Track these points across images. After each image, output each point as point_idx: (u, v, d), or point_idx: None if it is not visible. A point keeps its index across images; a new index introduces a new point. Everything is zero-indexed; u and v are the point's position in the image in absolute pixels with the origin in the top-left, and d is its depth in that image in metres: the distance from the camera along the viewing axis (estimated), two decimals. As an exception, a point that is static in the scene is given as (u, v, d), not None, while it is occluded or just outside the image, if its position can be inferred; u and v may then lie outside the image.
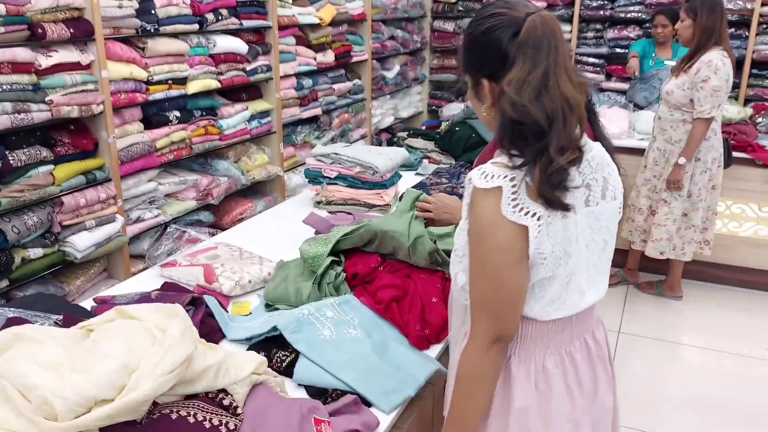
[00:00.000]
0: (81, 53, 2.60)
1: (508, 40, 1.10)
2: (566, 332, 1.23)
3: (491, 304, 1.13)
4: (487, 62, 1.14)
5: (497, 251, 1.09)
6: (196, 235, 2.24)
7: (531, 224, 1.07)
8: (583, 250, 1.17)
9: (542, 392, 1.20)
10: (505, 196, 1.07)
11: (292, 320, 1.59)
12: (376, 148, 2.84)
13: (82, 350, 1.15)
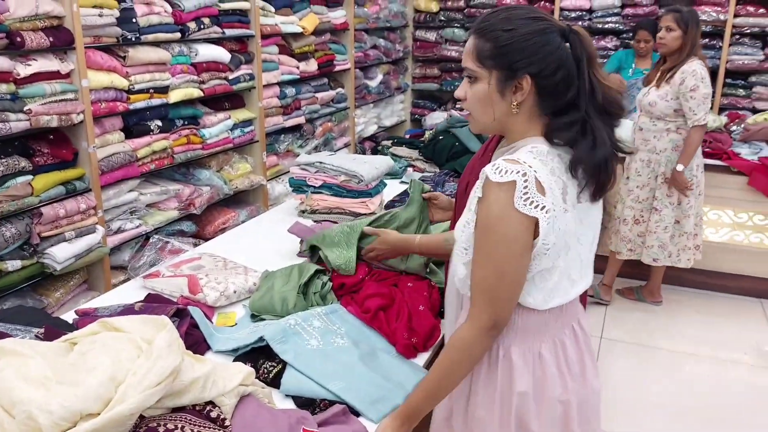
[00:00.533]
0: (61, 62, 2.57)
1: (560, 44, 1.19)
2: (559, 321, 1.32)
3: (493, 292, 1.20)
4: (538, 61, 1.19)
5: (506, 242, 1.16)
6: (179, 246, 2.21)
7: (541, 216, 1.15)
8: (576, 243, 1.26)
9: (537, 378, 1.29)
10: (519, 190, 1.14)
11: (278, 330, 1.58)
12: (361, 157, 2.84)
13: (68, 363, 1.13)
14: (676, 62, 3.30)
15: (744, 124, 4.00)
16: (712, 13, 4.84)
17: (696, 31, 3.28)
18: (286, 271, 1.91)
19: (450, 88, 5.88)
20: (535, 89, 1.21)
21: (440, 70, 5.93)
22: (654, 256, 3.56)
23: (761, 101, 4.81)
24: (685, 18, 3.26)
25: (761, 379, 3.14)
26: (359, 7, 4.89)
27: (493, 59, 1.21)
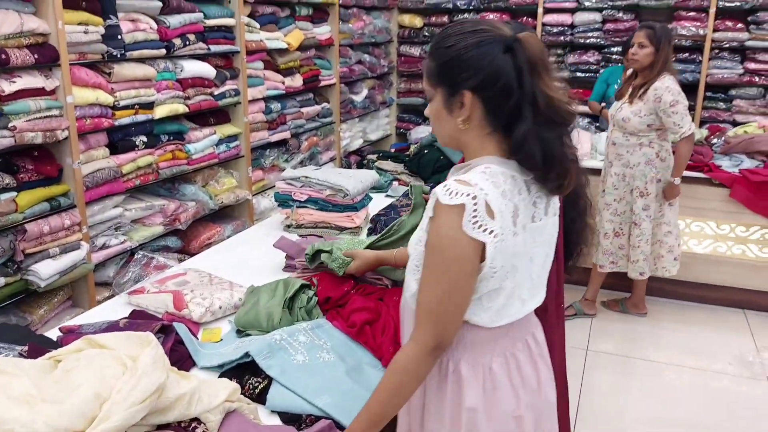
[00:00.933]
0: (46, 79, 2.57)
1: (499, 55, 1.15)
2: (509, 336, 1.31)
3: (438, 313, 1.19)
4: (475, 74, 1.16)
5: (454, 263, 1.16)
6: (164, 262, 2.21)
7: (489, 241, 1.14)
8: (527, 263, 1.26)
9: (488, 392, 1.28)
10: (468, 214, 1.13)
11: (264, 346, 1.58)
12: (346, 171, 2.86)
13: (52, 381, 1.13)
14: (647, 78, 3.33)
15: (725, 136, 4.07)
16: (692, 27, 4.93)
17: (668, 47, 3.31)
18: (271, 286, 1.91)
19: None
20: (480, 103, 1.19)
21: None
22: (640, 269, 3.60)
23: (741, 114, 4.90)
24: (657, 35, 3.29)
25: (745, 389, 3.18)
26: (344, 23, 4.93)
27: (437, 77, 1.22)
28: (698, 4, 4.89)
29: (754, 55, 4.85)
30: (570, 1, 5.26)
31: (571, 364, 3.17)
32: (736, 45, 4.86)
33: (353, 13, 5.08)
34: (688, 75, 5.00)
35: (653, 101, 3.29)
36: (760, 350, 3.48)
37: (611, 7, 5.15)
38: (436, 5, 5.69)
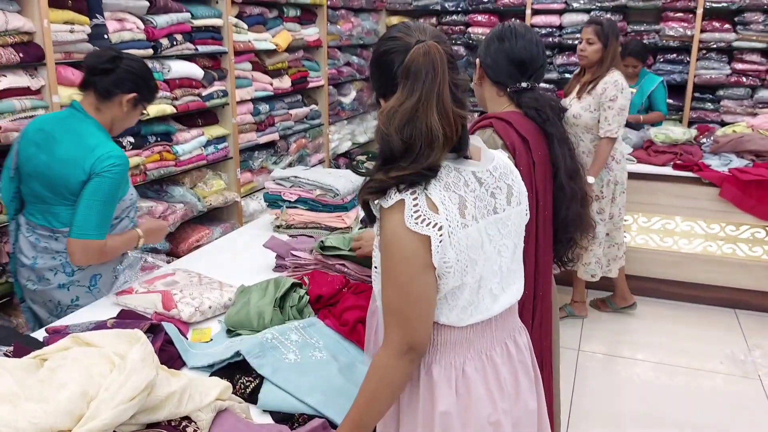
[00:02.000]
0: (31, 78, 2.52)
1: (399, 64, 1.16)
2: (486, 337, 1.28)
3: (401, 313, 1.17)
4: (382, 83, 1.22)
5: (403, 261, 1.15)
6: (153, 262, 2.18)
7: (433, 234, 1.13)
8: (495, 255, 1.24)
9: (462, 396, 1.24)
10: (408, 209, 1.13)
11: (255, 345, 1.56)
12: (336, 171, 2.84)
13: (37, 380, 1.09)
14: (596, 74, 3.31)
15: (713, 136, 4.09)
16: (680, 28, 4.96)
17: (616, 44, 3.30)
18: (262, 286, 1.89)
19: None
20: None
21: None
22: (591, 272, 3.59)
23: (729, 114, 4.93)
24: (605, 31, 3.27)
25: (737, 388, 3.18)
26: (332, 24, 4.91)
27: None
28: (686, 4, 4.92)
29: (741, 55, 4.88)
30: (558, 3, 5.28)
31: (563, 366, 3.18)
32: (723, 45, 4.90)
33: (341, 15, 5.06)
34: (676, 76, 5.02)
35: (600, 94, 3.27)
36: (752, 349, 3.49)
37: (599, 8, 5.18)
38: (425, 7, 5.69)
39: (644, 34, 5.10)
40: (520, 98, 1.79)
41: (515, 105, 1.80)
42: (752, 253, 3.84)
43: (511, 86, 1.80)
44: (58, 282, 2.07)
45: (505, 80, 1.80)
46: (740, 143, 3.86)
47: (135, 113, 2.16)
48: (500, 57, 1.79)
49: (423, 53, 1.13)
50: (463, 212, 1.17)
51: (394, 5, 5.81)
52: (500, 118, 1.75)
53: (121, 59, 2.09)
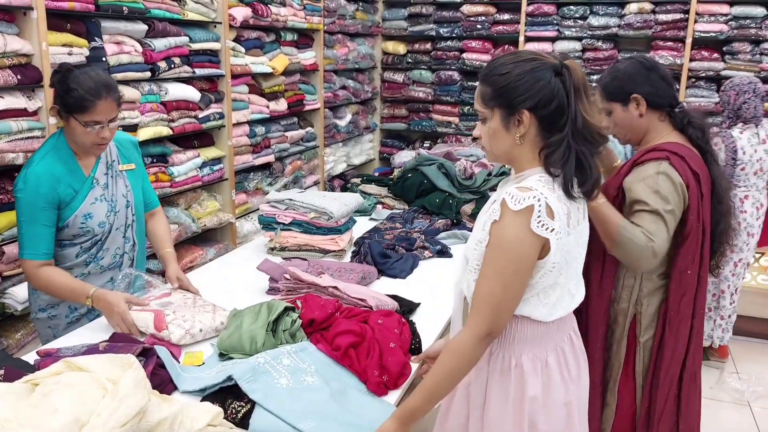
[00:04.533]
0: (28, 100, 2.55)
1: (551, 78, 1.34)
2: (560, 330, 1.48)
3: (497, 304, 1.34)
4: (532, 95, 1.35)
5: (518, 260, 1.32)
6: (150, 280, 2.18)
7: (552, 238, 1.32)
8: (574, 261, 1.43)
9: (544, 384, 1.44)
10: (535, 214, 1.30)
11: (247, 369, 1.56)
12: (330, 194, 2.86)
13: (29, 405, 1.10)
14: None
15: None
16: (669, 57, 5.05)
17: None
18: (254, 309, 1.89)
19: (417, 128, 5.97)
20: (536, 121, 1.37)
21: (408, 111, 6.04)
22: None
23: (717, 142, 4.99)
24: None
25: (727, 414, 3.19)
26: (328, 48, 4.97)
27: (494, 100, 1.39)
28: (675, 34, 5.01)
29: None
30: (550, 31, 5.37)
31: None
32: (711, 74, 4.98)
33: (338, 40, 5.13)
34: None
35: None
36: (741, 375, 3.50)
37: (590, 36, 5.26)
38: (420, 33, 5.77)
39: (635, 62, 5.17)
40: (686, 118, 1.94)
41: (675, 128, 1.95)
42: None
43: (674, 107, 1.95)
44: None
45: (666, 104, 1.95)
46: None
47: (72, 127, 1.98)
48: (659, 82, 1.94)
49: (578, 68, 1.36)
50: (569, 221, 1.36)
51: (390, 31, 5.88)
52: (675, 152, 1.85)
53: (60, 74, 1.98)
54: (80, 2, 2.71)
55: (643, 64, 1.96)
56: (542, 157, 1.38)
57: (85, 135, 1.98)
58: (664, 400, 1.94)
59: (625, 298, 1.95)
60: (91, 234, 2.07)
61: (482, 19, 5.52)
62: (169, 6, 3.24)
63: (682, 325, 1.91)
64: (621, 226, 1.76)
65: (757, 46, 4.84)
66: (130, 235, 2.20)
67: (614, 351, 1.99)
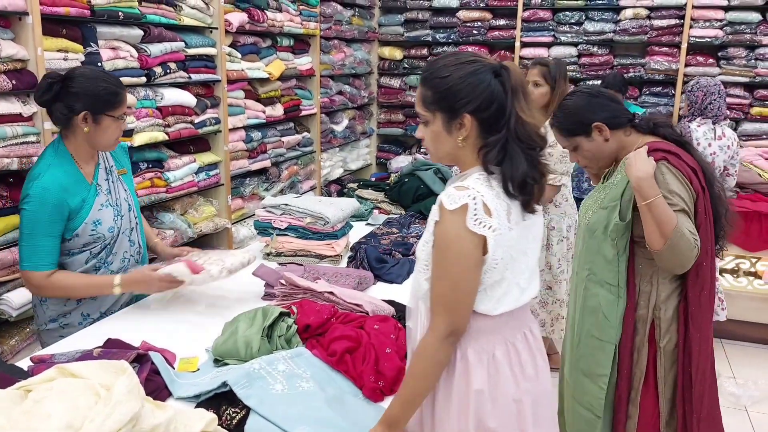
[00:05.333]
0: (23, 105, 2.54)
1: (490, 81, 1.35)
2: (509, 326, 1.46)
3: (450, 302, 1.36)
4: (473, 99, 1.35)
5: (461, 258, 1.33)
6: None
7: (489, 235, 1.32)
8: (523, 255, 1.43)
9: (492, 377, 1.42)
10: (470, 213, 1.31)
11: (242, 375, 1.55)
12: (327, 199, 2.85)
13: (21, 411, 1.09)
14: (544, 117, 2.96)
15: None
16: (665, 62, 5.07)
17: (564, 85, 3.07)
18: (250, 315, 1.88)
19: (414, 133, 5.97)
20: (476, 123, 1.37)
21: (404, 116, 6.05)
22: None
23: (713, 146, 5.00)
24: (552, 72, 3.07)
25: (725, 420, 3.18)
26: (325, 54, 4.98)
27: (435, 104, 1.39)
28: (670, 39, 5.04)
29: (725, 89, 4.96)
30: (546, 36, 5.39)
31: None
32: (707, 79, 5.00)
33: (334, 45, 5.14)
34: (661, 108, 5.11)
35: None
36: (738, 380, 3.50)
37: (586, 42, 5.28)
38: (416, 38, 5.78)
39: (630, 68, 5.20)
40: (651, 122, 2.00)
41: (645, 135, 1.99)
42: (737, 284, 3.88)
43: (632, 120, 2.00)
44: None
45: (625, 120, 1.99)
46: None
47: (104, 127, 1.98)
48: (610, 104, 2.00)
49: (517, 69, 1.37)
50: (509, 218, 1.36)
51: (386, 36, 5.90)
52: (669, 151, 1.89)
53: (60, 83, 1.94)
54: (76, 7, 2.71)
55: (589, 93, 2.04)
56: (481, 156, 1.38)
57: (115, 131, 2.01)
58: (700, 400, 1.92)
59: (643, 304, 1.95)
60: (102, 240, 2.06)
61: (478, 24, 5.54)
62: (164, 11, 3.24)
63: (705, 320, 1.91)
64: (678, 224, 1.76)
65: (751, 51, 4.87)
66: (135, 238, 2.19)
67: (635, 360, 1.97)
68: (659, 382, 1.95)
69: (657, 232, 1.78)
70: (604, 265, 1.97)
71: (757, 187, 3.88)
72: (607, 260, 1.95)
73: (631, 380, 1.98)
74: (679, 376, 1.93)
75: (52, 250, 1.97)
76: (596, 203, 2.03)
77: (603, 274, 1.97)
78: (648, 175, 1.80)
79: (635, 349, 1.96)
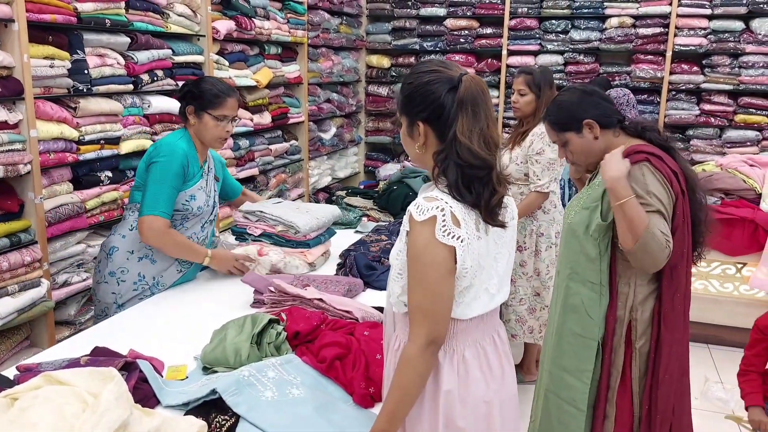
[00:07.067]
0: (9, 112, 2.52)
1: (446, 93, 1.36)
2: (479, 329, 1.48)
3: (427, 312, 1.36)
4: (425, 108, 1.38)
5: (432, 268, 1.34)
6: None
7: (458, 245, 1.34)
8: (493, 261, 1.45)
9: (462, 378, 1.44)
10: (438, 224, 1.32)
11: (231, 382, 1.54)
12: (305, 206, 2.82)
13: (7, 420, 1.07)
14: (530, 125, 3.12)
15: (683, 174, 4.19)
16: (650, 70, 5.13)
17: (550, 92, 3.09)
18: (239, 322, 1.87)
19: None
20: (431, 132, 1.40)
21: (392, 124, 6.07)
22: (512, 331, 3.28)
23: (699, 153, 5.07)
24: (537, 80, 3.09)
25: (712, 424, 3.20)
26: (313, 62, 4.99)
27: (401, 108, 1.45)
28: (656, 48, 5.09)
29: (710, 96, 5.05)
30: (533, 44, 5.43)
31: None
32: (692, 87, 5.06)
33: (322, 53, 5.15)
34: (647, 115, 5.16)
35: (527, 147, 3.09)
36: (725, 384, 3.52)
37: (572, 50, 5.33)
38: (404, 47, 5.81)
39: (616, 76, 5.25)
40: (639, 126, 2.02)
41: (632, 137, 2.01)
42: (723, 289, 3.91)
43: (621, 122, 2.03)
44: None
45: (615, 121, 2.02)
46: (710, 182, 3.95)
47: (206, 122, 2.36)
48: (603, 103, 2.03)
49: (474, 83, 1.36)
50: (477, 226, 1.38)
51: (374, 44, 5.92)
52: (652, 153, 1.91)
53: (189, 83, 2.42)
54: (62, 14, 2.69)
55: (584, 91, 2.06)
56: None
57: (215, 129, 2.37)
58: (665, 400, 1.95)
59: (621, 305, 1.96)
60: (187, 213, 2.40)
61: (465, 33, 5.58)
62: (151, 19, 3.23)
63: (678, 322, 1.94)
64: (649, 224, 1.78)
65: (735, 59, 4.93)
66: (206, 228, 2.52)
67: (612, 360, 1.99)
68: (633, 382, 1.97)
69: (629, 231, 1.80)
70: (586, 264, 1.98)
71: (741, 193, 3.91)
72: (590, 259, 1.96)
73: (609, 380, 2.00)
74: (648, 376, 1.95)
75: (172, 201, 2.31)
76: (579, 203, 2.05)
77: (585, 273, 1.98)
78: (621, 176, 1.82)
79: (613, 350, 1.99)
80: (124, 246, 2.40)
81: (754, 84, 4.89)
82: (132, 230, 2.40)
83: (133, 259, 2.39)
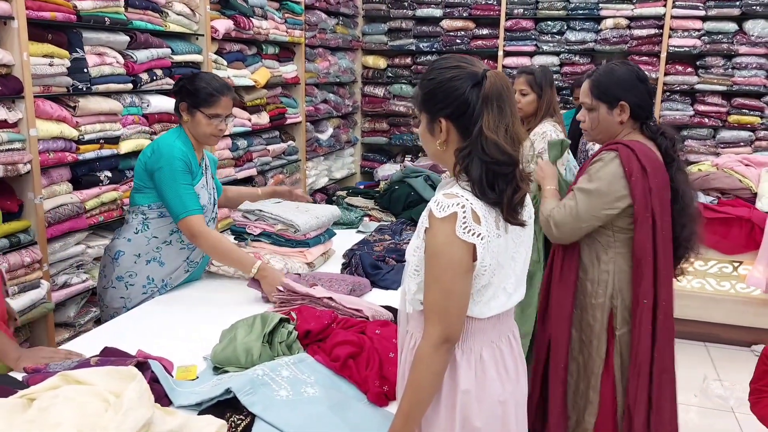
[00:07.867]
0: (8, 111, 2.49)
1: (470, 88, 1.34)
2: (496, 328, 1.47)
3: (443, 309, 1.34)
4: (449, 104, 1.36)
5: (452, 265, 1.32)
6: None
7: (478, 243, 1.32)
8: (510, 261, 1.43)
9: (479, 377, 1.43)
10: (459, 221, 1.31)
11: (246, 381, 1.53)
12: (305, 206, 2.80)
13: (26, 420, 1.05)
14: (532, 125, 3.10)
15: (680, 174, 4.21)
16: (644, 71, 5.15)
17: (551, 92, 3.11)
18: (248, 321, 1.85)
19: (398, 142, 5.99)
20: (454, 129, 1.38)
21: (389, 125, 6.06)
22: None
23: (693, 154, 5.10)
24: (538, 80, 3.09)
25: (711, 421, 3.22)
26: (310, 62, 4.97)
27: (421, 104, 1.43)
28: (650, 49, 5.13)
29: (704, 97, 5.09)
30: (529, 45, 5.45)
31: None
32: (686, 88, 5.10)
33: (319, 53, 5.13)
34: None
35: (529, 147, 3.05)
36: (724, 382, 3.54)
37: (568, 51, 5.35)
38: (400, 47, 5.81)
39: (612, 76, 5.27)
40: (659, 130, 2.05)
41: (645, 136, 2.04)
42: (720, 288, 3.94)
43: (649, 120, 2.06)
44: None
45: (644, 116, 2.05)
46: (706, 181, 3.98)
47: (198, 120, 2.33)
48: (645, 96, 2.06)
49: (499, 79, 1.34)
50: (497, 224, 1.36)
51: (371, 45, 5.92)
52: (626, 145, 1.97)
53: (184, 78, 2.37)
54: (62, 12, 2.67)
55: (638, 75, 2.07)
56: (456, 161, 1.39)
57: (207, 126, 2.34)
58: (634, 393, 1.99)
59: (601, 293, 2.02)
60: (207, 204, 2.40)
61: (462, 34, 5.59)
62: (151, 17, 3.21)
63: (643, 315, 1.97)
64: (542, 207, 1.99)
65: (729, 60, 4.98)
66: (209, 227, 2.43)
67: (595, 347, 2.04)
68: (615, 369, 2.01)
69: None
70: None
71: (737, 192, 3.94)
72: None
73: (588, 366, 2.05)
74: (629, 368, 2.01)
75: (194, 196, 2.30)
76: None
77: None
78: (548, 177, 2.20)
79: (595, 336, 2.03)
80: (130, 250, 2.37)
81: (747, 85, 4.93)
82: (137, 233, 2.37)
83: (140, 262, 2.36)
